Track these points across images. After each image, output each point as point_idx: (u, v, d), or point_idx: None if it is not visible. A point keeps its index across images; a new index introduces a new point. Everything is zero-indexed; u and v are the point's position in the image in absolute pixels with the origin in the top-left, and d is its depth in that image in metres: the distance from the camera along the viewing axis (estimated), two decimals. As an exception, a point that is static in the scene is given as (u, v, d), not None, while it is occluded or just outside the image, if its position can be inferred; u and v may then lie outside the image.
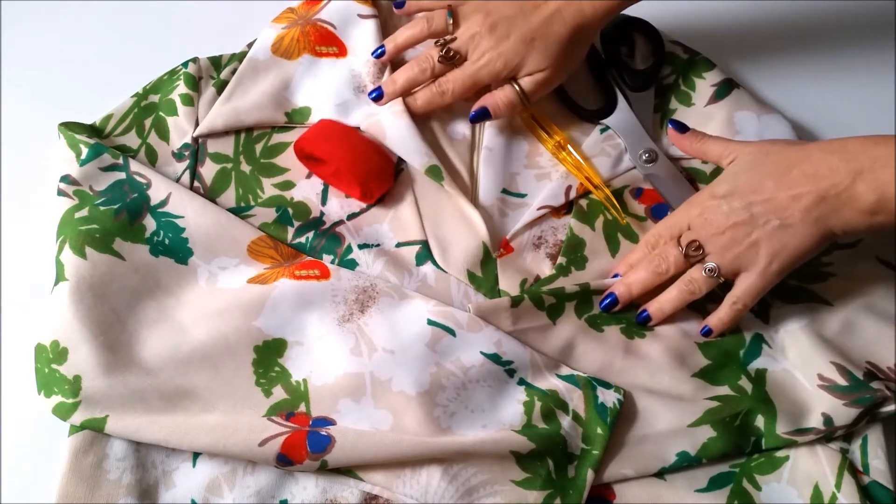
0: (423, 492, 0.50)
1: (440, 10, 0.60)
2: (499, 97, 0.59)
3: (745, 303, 0.53)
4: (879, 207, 0.48)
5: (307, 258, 0.57)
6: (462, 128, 0.63)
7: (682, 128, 0.59)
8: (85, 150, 0.58)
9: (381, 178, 0.58)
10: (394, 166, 0.59)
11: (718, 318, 0.54)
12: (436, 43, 0.60)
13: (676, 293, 0.54)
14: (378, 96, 0.61)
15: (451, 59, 0.59)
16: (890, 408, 0.52)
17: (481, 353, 0.53)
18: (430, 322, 0.54)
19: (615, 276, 0.57)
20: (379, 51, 0.62)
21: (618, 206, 0.60)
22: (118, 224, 0.56)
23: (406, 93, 0.61)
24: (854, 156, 0.49)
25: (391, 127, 0.60)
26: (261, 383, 0.52)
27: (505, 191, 0.61)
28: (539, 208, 0.60)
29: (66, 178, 0.57)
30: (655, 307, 0.55)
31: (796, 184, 0.50)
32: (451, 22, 0.59)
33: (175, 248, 0.56)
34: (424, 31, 0.61)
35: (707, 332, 0.55)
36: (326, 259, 0.57)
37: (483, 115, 0.60)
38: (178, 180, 0.59)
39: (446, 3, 0.61)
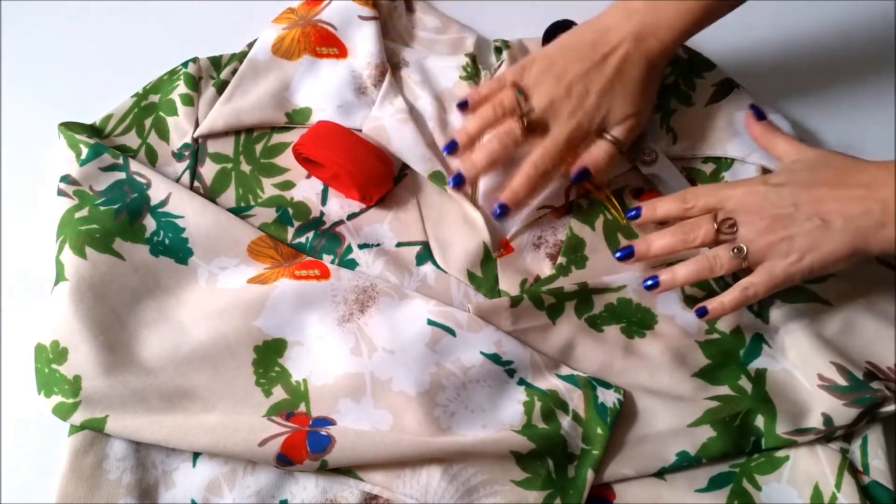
0: (423, 492, 0.50)
1: (506, 90, 0.58)
2: (597, 154, 0.57)
3: (756, 291, 0.51)
4: None
5: (307, 258, 0.57)
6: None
7: (760, 115, 0.58)
8: (85, 150, 0.58)
9: (379, 181, 0.58)
10: (392, 169, 0.59)
11: (720, 301, 0.52)
12: (513, 116, 0.57)
13: (695, 266, 0.52)
14: (459, 183, 0.57)
15: (533, 131, 0.57)
16: (890, 408, 0.52)
17: (481, 353, 0.53)
18: (430, 322, 0.54)
19: (637, 209, 0.55)
20: (450, 145, 0.59)
21: (618, 206, 0.60)
22: (118, 224, 0.56)
23: (487, 172, 0.58)
24: None
25: (395, 133, 0.60)
26: (261, 383, 0.52)
27: (505, 191, 0.61)
28: (539, 208, 0.60)
29: (66, 178, 0.57)
30: (668, 275, 0.53)
31: (848, 190, 0.50)
32: (523, 98, 0.57)
33: (175, 248, 0.56)
34: (498, 114, 0.58)
35: (702, 313, 0.53)
36: (326, 259, 0.57)
37: (584, 176, 0.57)
38: (178, 180, 0.59)
39: (509, 83, 0.58)
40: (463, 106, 0.60)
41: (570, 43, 0.58)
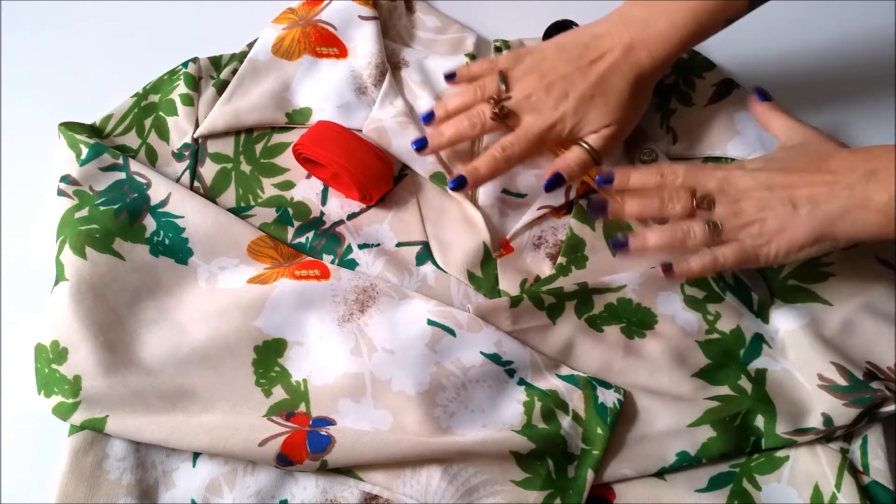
0: (423, 492, 0.50)
1: (491, 76, 0.58)
2: (570, 160, 0.56)
3: (726, 261, 0.51)
4: (890, 209, 0.47)
5: (307, 258, 0.57)
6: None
7: (765, 98, 0.58)
8: (85, 150, 0.58)
9: (379, 181, 0.58)
10: (392, 169, 0.59)
11: (688, 264, 0.52)
12: (488, 100, 0.57)
13: (668, 233, 0.52)
14: (421, 147, 0.58)
15: (504, 118, 0.57)
16: (890, 408, 0.52)
17: (481, 353, 0.53)
18: (430, 322, 0.54)
19: (609, 174, 0.54)
20: (428, 115, 0.60)
21: None
22: (118, 224, 0.56)
23: (452, 146, 0.59)
24: (875, 156, 0.49)
25: (396, 136, 0.60)
26: (261, 383, 0.52)
27: (505, 191, 0.61)
28: (539, 208, 0.60)
29: (66, 178, 0.57)
30: (638, 239, 0.52)
31: (818, 176, 0.50)
32: (504, 87, 0.57)
33: (175, 248, 0.56)
34: (478, 97, 0.58)
35: (667, 269, 0.52)
36: (326, 259, 0.57)
37: (558, 182, 0.56)
38: (178, 180, 0.59)
39: (497, 69, 0.58)
40: (450, 77, 0.61)
41: (565, 43, 0.58)
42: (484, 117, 0.57)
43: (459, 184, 0.57)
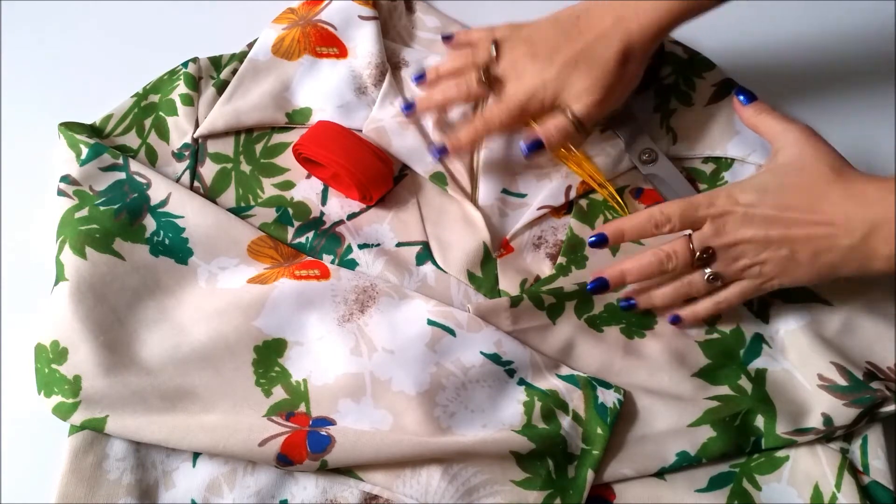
0: (423, 492, 0.50)
1: (485, 42, 0.60)
2: (551, 126, 0.57)
3: (730, 304, 0.54)
4: (892, 260, 0.48)
5: (307, 258, 0.57)
6: (462, 128, 0.63)
7: (749, 99, 0.57)
8: (85, 150, 0.58)
9: (379, 181, 0.58)
10: (392, 169, 0.59)
11: (693, 310, 0.55)
12: (478, 67, 0.59)
13: (672, 291, 0.54)
14: (410, 109, 0.61)
15: (489, 83, 0.58)
16: (890, 408, 0.52)
17: (481, 353, 0.53)
18: (430, 322, 0.54)
19: (600, 234, 0.54)
20: (419, 76, 0.62)
21: (621, 201, 0.60)
22: (118, 224, 0.56)
23: (439, 109, 0.61)
24: (871, 204, 0.48)
25: (396, 136, 0.60)
26: (261, 383, 0.52)
27: (505, 191, 0.61)
28: (539, 208, 0.60)
29: (66, 178, 0.57)
30: (644, 298, 0.55)
31: (815, 228, 0.50)
32: (495, 54, 0.59)
33: (175, 248, 0.56)
34: (468, 62, 0.60)
35: (675, 321, 0.55)
36: (326, 259, 0.57)
37: (537, 147, 0.57)
38: (178, 180, 0.59)
39: (492, 37, 0.60)
40: (447, 38, 0.64)
41: (560, 16, 0.59)
42: (470, 83, 0.59)
43: (441, 152, 0.59)
